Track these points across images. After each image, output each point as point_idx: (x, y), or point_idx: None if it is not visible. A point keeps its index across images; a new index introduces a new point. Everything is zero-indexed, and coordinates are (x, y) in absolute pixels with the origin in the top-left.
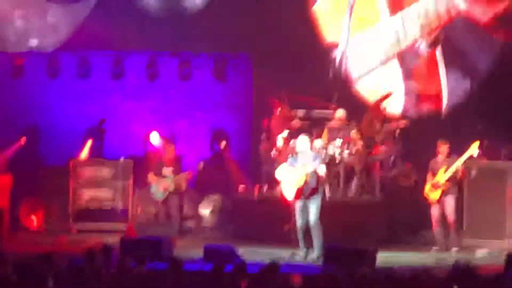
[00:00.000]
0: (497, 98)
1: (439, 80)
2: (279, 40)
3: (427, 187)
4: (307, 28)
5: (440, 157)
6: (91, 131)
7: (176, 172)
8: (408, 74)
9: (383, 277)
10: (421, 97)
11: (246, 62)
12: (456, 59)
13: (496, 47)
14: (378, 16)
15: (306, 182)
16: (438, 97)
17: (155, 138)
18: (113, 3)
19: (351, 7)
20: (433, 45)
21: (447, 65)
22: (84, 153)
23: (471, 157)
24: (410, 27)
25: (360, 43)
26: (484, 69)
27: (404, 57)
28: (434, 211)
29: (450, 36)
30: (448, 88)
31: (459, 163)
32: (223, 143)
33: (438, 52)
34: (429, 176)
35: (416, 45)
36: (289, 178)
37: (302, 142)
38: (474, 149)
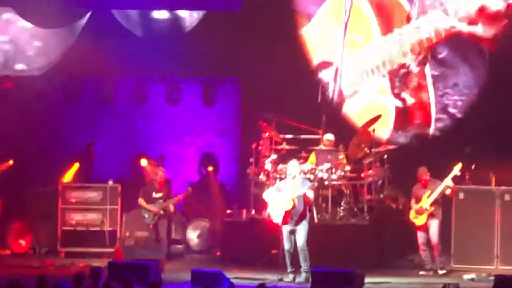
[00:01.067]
0: (485, 122)
1: (428, 99)
2: (267, 64)
3: (412, 213)
4: (295, 52)
5: (421, 184)
6: (79, 154)
7: (166, 196)
8: (398, 93)
9: None
10: (410, 118)
11: (234, 86)
12: (446, 78)
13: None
14: (370, 36)
15: (294, 206)
16: (427, 118)
17: (144, 162)
18: (100, 27)
19: (345, 25)
20: (422, 63)
21: (436, 83)
22: (69, 176)
23: (454, 178)
24: (401, 47)
25: (353, 62)
26: (472, 95)
27: (395, 76)
28: (420, 236)
29: (443, 61)
30: (436, 107)
31: (442, 186)
32: (210, 168)
33: (428, 71)
34: (412, 201)
35: (407, 64)
36: (277, 202)
37: (292, 166)
38: (456, 170)
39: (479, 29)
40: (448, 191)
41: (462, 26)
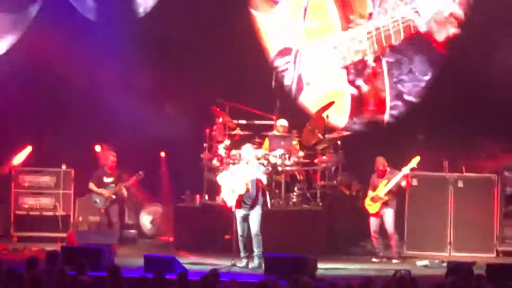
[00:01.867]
0: (439, 108)
1: (383, 90)
2: (221, 50)
3: (367, 200)
4: (251, 37)
5: (378, 174)
6: (33, 138)
7: (117, 180)
8: (352, 80)
9: (324, 286)
10: (365, 105)
11: (189, 71)
12: (401, 65)
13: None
14: (330, 26)
15: (247, 190)
16: (382, 106)
17: (97, 147)
18: (55, 12)
19: (305, 11)
20: (378, 59)
21: (391, 70)
22: (19, 159)
23: (412, 170)
24: (360, 44)
25: (312, 50)
26: (426, 82)
27: (352, 68)
28: (373, 223)
29: (398, 50)
30: (391, 97)
31: (398, 176)
32: (162, 153)
33: (384, 64)
34: (369, 190)
35: (365, 58)
36: (231, 186)
37: (246, 151)
38: (414, 163)
39: (435, 31)
40: (403, 183)
41: (422, 27)
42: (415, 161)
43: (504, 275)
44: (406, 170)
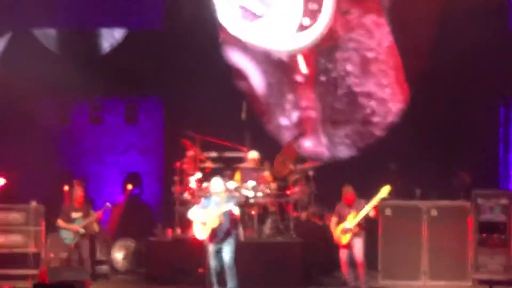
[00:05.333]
0: (409, 139)
1: None
2: (190, 83)
3: (337, 231)
4: (219, 70)
5: (345, 203)
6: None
7: (86, 215)
8: None
9: None
10: None
11: (157, 105)
12: None
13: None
14: None
15: (220, 223)
16: None
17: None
18: (21, 47)
19: None
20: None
21: None
22: None
23: (382, 200)
24: None
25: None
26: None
27: None
28: (343, 254)
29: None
30: None
31: (368, 207)
32: (129, 186)
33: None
34: (333, 220)
35: None
36: (203, 220)
37: (215, 184)
38: (384, 193)
39: None
40: (371, 213)
41: None
42: (384, 190)
43: None
44: (375, 200)
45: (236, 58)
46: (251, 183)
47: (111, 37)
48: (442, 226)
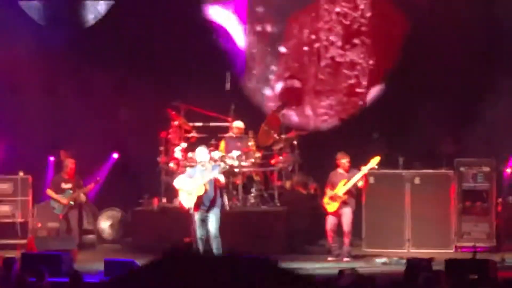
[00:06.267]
0: (392, 108)
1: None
2: (175, 52)
3: (326, 199)
4: (205, 38)
5: (340, 170)
6: None
7: (76, 186)
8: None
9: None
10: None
11: (144, 75)
12: None
13: None
14: None
15: (205, 191)
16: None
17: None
18: (6, 17)
19: None
20: None
21: None
22: None
23: (371, 169)
24: None
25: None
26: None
27: None
28: (330, 222)
29: None
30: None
31: (358, 176)
32: (115, 155)
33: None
34: (328, 188)
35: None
36: (188, 188)
37: (200, 153)
38: (374, 163)
39: None
40: (360, 183)
41: None
42: (374, 161)
43: (463, 270)
44: (365, 170)
45: (219, 19)
46: (236, 152)
47: (94, 9)
48: (426, 194)
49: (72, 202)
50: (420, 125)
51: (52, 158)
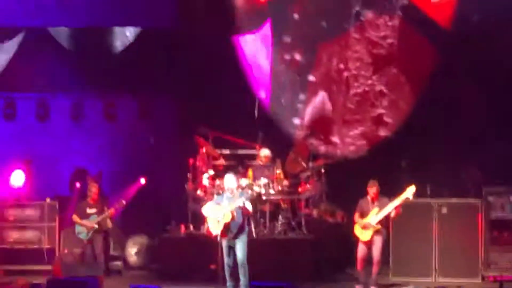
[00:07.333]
0: (421, 136)
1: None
2: (204, 80)
3: (358, 227)
4: (233, 67)
5: (369, 198)
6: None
7: (100, 211)
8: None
9: None
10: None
11: (170, 102)
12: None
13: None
14: None
15: (233, 218)
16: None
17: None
18: (37, 44)
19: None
20: None
21: None
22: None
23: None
24: None
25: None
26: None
27: None
28: (361, 250)
29: None
30: None
31: (392, 206)
32: (143, 180)
33: None
34: (357, 215)
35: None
36: (216, 215)
37: (229, 180)
38: (409, 193)
39: None
40: (393, 212)
41: None
42: (410, 191)
43: None
44: (400, 200)
45: (247, 47)
46: (263, 180)
47: (123, 36)
48: (453, 223)
49: (96, 226)
50: (448, 153)
51: (78, 184)
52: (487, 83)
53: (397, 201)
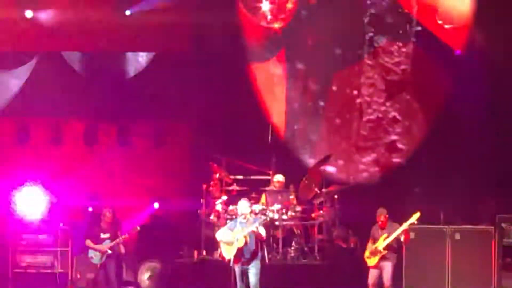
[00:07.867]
0: (434, 163)
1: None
2: (217, 106)
3: (367, 253)
4: (246, 94)
5: (379, 225)
6: None
7: (114, 236)
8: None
9: None
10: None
11: (184, 128)
12: None
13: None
14: None
15: (246, 243)
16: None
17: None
18: (49, 68)
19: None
20: None
21: None
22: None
23: (411, 225)
24: None
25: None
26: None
27: None
28: (371, 275)
29: None
30: None
31: (398, 231)
32: (156, 204)
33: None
34: (370, 242)
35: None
36: (229, 240)
37: (242, 205)
38: (414, 219)
39: None
40: (402, 238)
41: None
42: (415, 216)
43: None
44: (406, 225)
45: (263, 79)
46: (277, 205)
47: (136, 61)
48: (466, 250)
49: (109, 251)
50: (461, 180)
51: (90, 209)
52: (502, 109)
53: (403, 226)
